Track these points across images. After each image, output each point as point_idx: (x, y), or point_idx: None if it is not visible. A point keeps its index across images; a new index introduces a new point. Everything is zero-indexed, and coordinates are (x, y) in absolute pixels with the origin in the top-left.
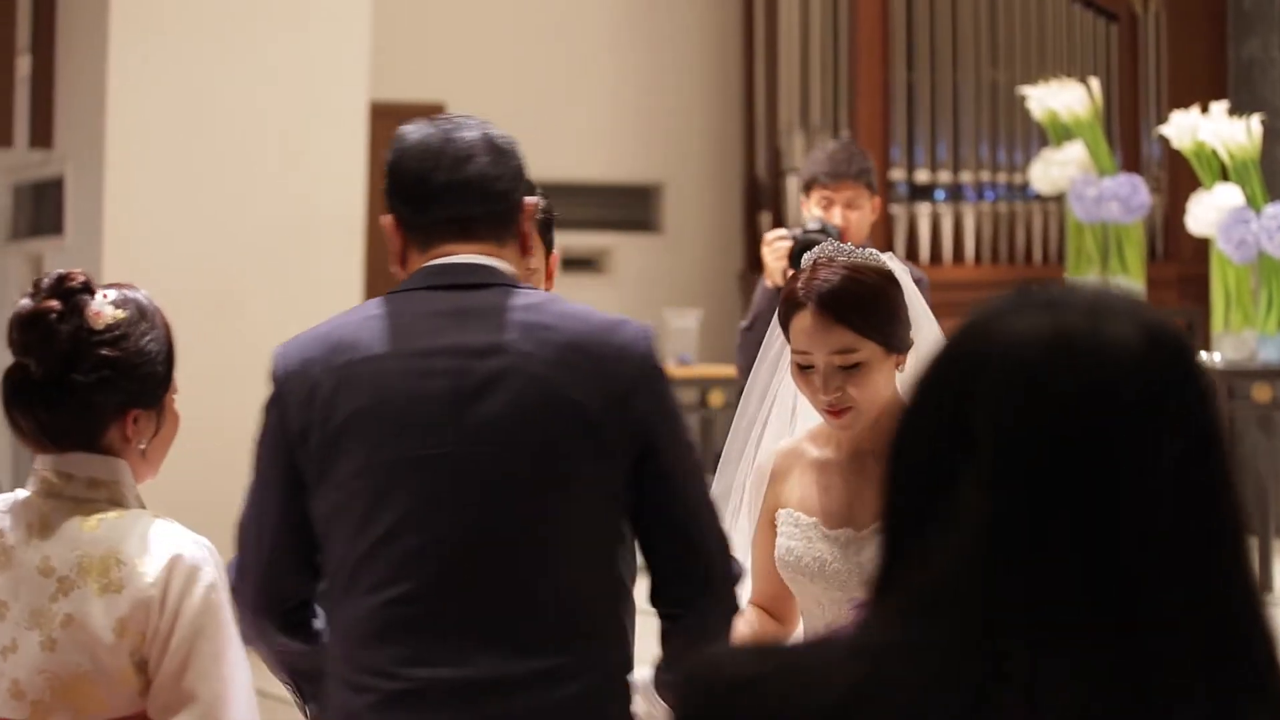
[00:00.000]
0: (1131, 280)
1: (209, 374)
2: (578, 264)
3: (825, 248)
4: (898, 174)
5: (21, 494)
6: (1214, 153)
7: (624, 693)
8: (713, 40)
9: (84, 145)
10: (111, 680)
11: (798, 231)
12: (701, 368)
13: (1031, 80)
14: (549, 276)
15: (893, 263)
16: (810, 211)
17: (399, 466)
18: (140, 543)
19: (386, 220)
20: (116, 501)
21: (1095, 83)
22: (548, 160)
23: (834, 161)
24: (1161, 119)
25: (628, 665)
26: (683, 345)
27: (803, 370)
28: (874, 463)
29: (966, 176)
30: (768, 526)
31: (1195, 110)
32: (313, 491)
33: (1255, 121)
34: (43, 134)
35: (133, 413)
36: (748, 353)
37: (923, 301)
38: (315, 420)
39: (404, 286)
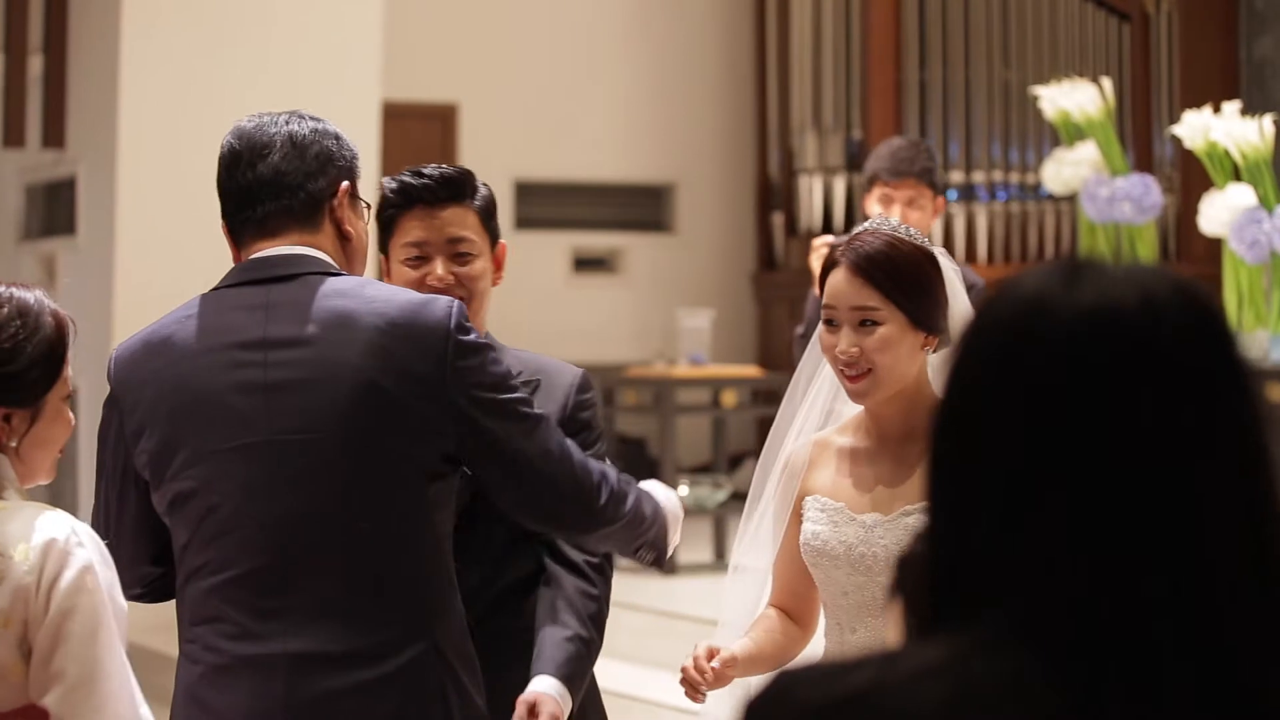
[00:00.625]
0: None
1: None
2: (591, 264)
3: (876, 221)
4: None
5: None
6: (1226, 153)
7: (449, 665)
8: (725, 41)
9: (96, 145)
10: (2, 672)
11: (844, 238)
12: (714, 368)
13: (1044, 80)
14: (497, 267)
15: (944, 260)
16: (870, 209)
17: (220, 457)
18: (16, 532)
19: (222, 226)
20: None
21: (1108, 82)
22: (561, 160)
23: (895, 159)
24: (1174, 119)
25: (454, 637)
26: (695, 345)
27: (828, 327)
28: (901, 448)
29: (979, 176)
30: (794, 520)
31: (1207, 110)
32: (153, 487)
33: (1268, 121)
34: (55, 134)
35: (29, 410)
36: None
37: (964, 294)
38: (145, 421)
39: (220, 284)
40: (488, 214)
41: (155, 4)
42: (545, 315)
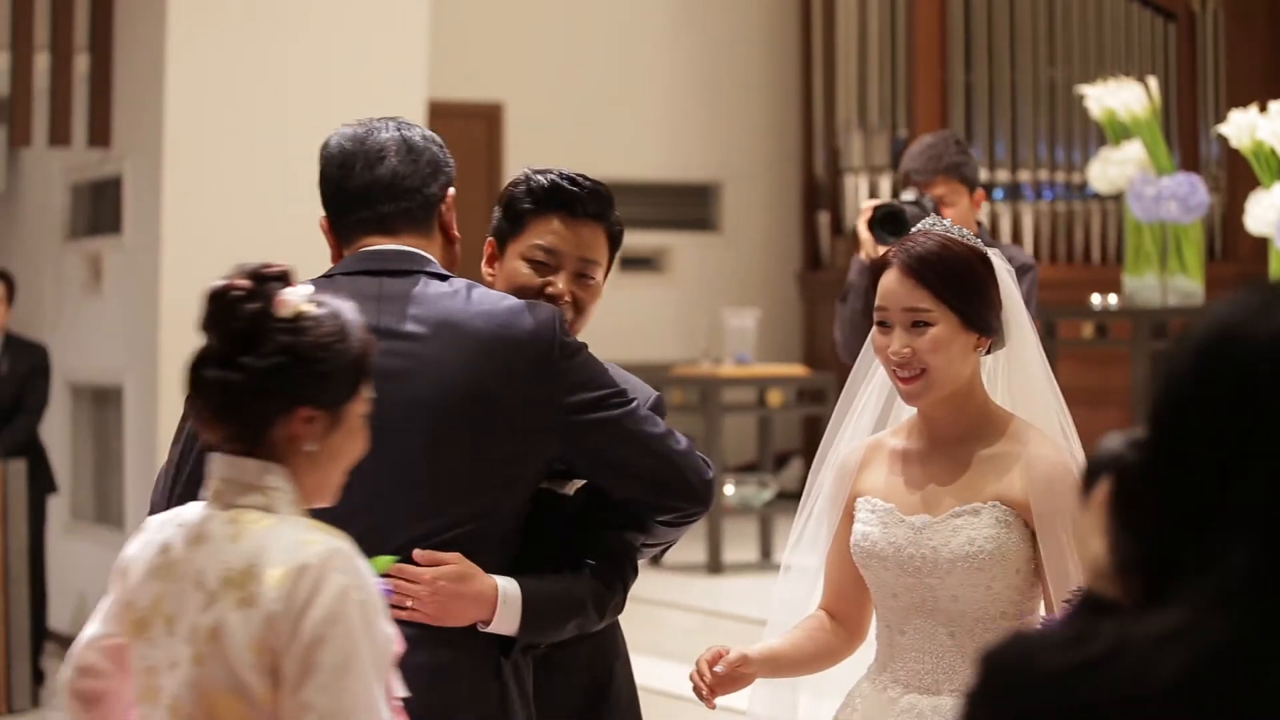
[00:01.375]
0: (1190, 280)
1: None
2: (636, 263)
3: (928, 222)
4: None
5: (198, 504)
6: (1272, 151)
7: (513, 662)
8: (771, 40)
9: (142, 144)
10: (252, 698)
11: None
12: (760, 367)
13: (1089, 79)
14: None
15: (997, 260)
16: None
17: None
18: (275, 554)
19: (321, 221)
20: (269, 509)
21: (1153, 81)
22: (605, 160)
23: (924, 157)
24: (1220, 118)
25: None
26: (741, 344)
27: (880, 329)
28: (954, 449)
29: (1025, 175)
30: (846, 521)
31: (1253, 109)
32: None
33: None
34: (100, 133)
35: (303, 410)
36: (841, 325)
37: (1019, 296)
38: None
39: (337, 270)
40: (615, 241)
41: (201, 2)
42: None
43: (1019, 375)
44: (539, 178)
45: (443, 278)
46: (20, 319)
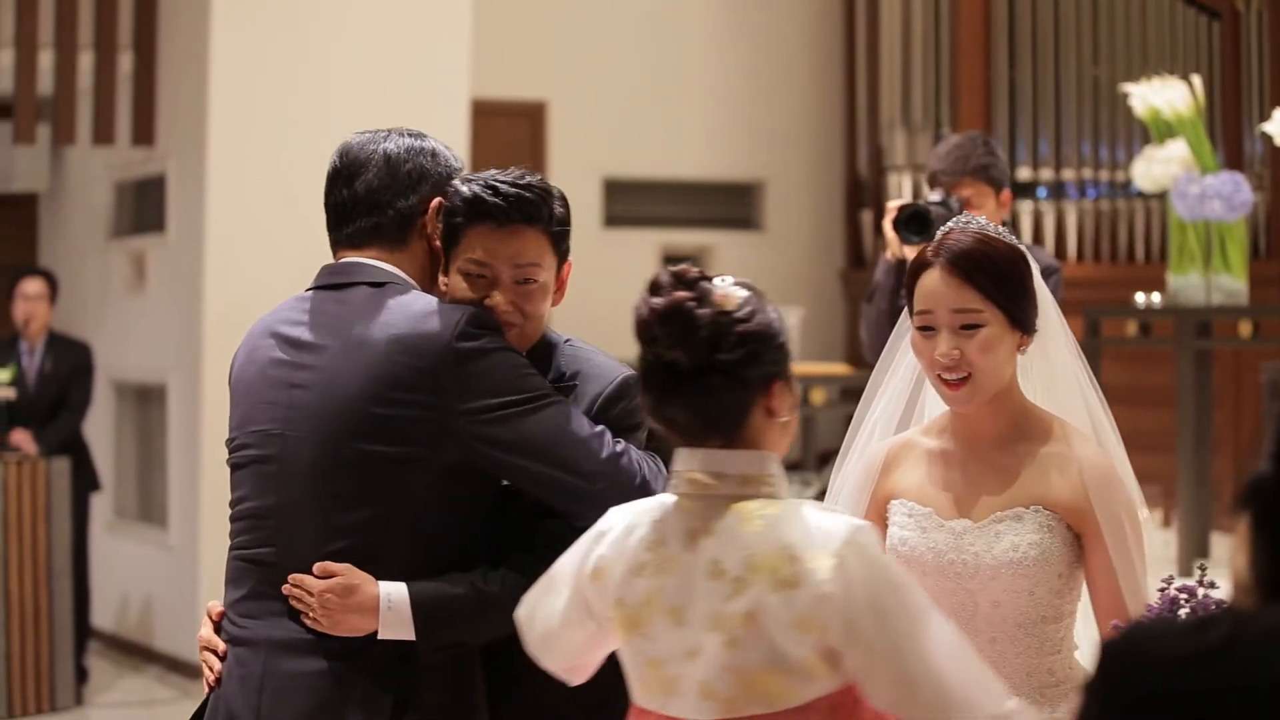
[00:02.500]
0: (1234, 279)
1: None
2: (680, 261)
3: (961, 220)
4: None
5: (666, 500)
6: None
7: (416, 666)
8: (814, 38)
9: (186, 142)
10: (797, 671)
11: (920, 201)
12: (803, 365)
13: (1133, 77)
14: (559, 287)
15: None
16: None
17: (255, 437)
18: (807, 537)
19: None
20: (770, 495)
21: (1197, 80)
22: (649, 158)
23: (951, 158)
24: (1264, 116)
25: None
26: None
27: (923, 333)
28: (993, 453)
29: (1069, 174)
30: (877, 520)
31: None
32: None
33: None
34: (144, 131)
35: (776, 384)
36: (868, 325)
37: (1049, 294)
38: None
39: (310, 286)
40: (560, 236)
41: (245, 1)
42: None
43: (1053, 373)
44: (463, 188)
45: (377, 285)
46: (64, 317)
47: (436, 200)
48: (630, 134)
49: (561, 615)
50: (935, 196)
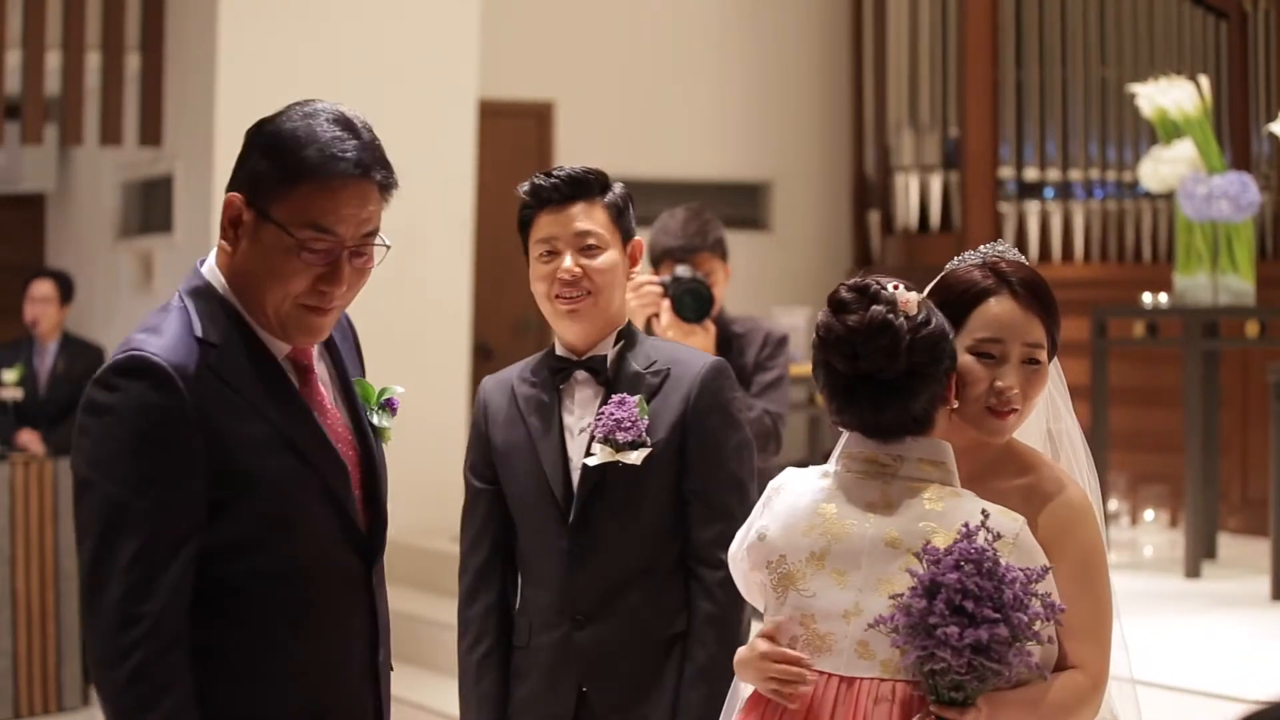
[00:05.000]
0: (1241, 279)
1: None
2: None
3: (996, 247)
4: (1006, 172)
5: (828, 469)
6: None
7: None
8: (821, 38)
9: (193, 143)
10: None
11: (668, 279)
12: (809, 366)
13: (1141, 78)
14: (633, 262)
15: None
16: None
17: None
18: (990, 526)
19: None
20: (947, 481)
21: (1205, 80)
22: (656, 158)
23: (687, 234)
24: (1271, 116)
25: None
26: (791, 343)
27: (982, 360)
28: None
29: (1075, 174)
30: None
31: None
32: None
33: None
34: (152, 132)
35: (951, 375)
36: None
37: None
38: None
39: None
40: (618, 211)
41: (252, 1)
42: None
43: None
44: (525, 184)
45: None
46: (71, 317)
47: (234, 196)
48: (638, 134)
49: (744, 580)
50: (685, 271)
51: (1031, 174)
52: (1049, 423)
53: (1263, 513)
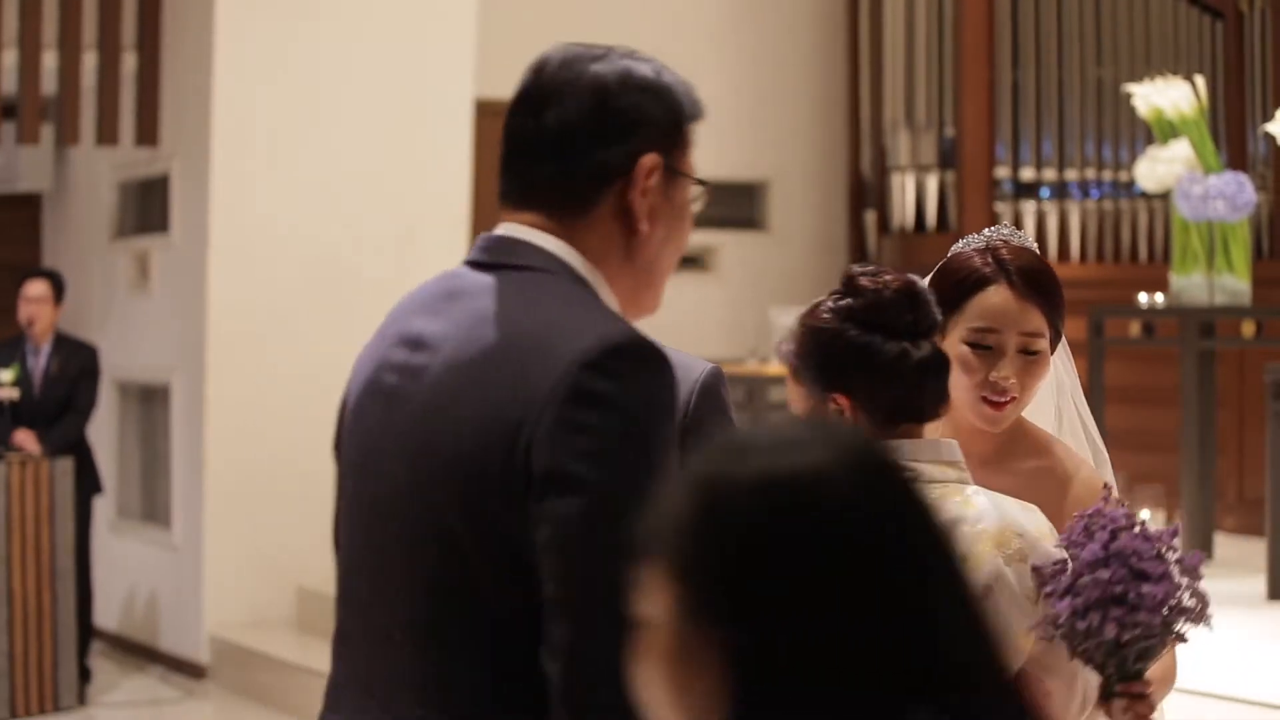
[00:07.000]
0: (1237, 279)
1: (315, 371)
2: (683, 262)
3: (1002, 231)
4: (1003, 172)
5: None
6: None
7: None
8: (818, 38)
9: (190, 143)
10: (1013, 646)
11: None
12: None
13: (1137, 78)
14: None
15: None
16: None
17: (345, 468)
18: (1024, 515)
19: None
20: (964, 481)
21: (1201, 80)
22: None
23: None
24: (1267, 116)
25: None
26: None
27: (977, 351)
28: (979, 472)
29: (1072, 174)
30: None
31: None
32: None
33: None
34: (148, 132)
35: None
36: None
37: None
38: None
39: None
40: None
41: (249, 1)
42: None
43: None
44: None
45: (542, 274)
46: (68, 318)
47: (650, 157)
48: None
49: None
50: None
51: (1028, 174)
52: (1058, 404)
53: (1259, 512)
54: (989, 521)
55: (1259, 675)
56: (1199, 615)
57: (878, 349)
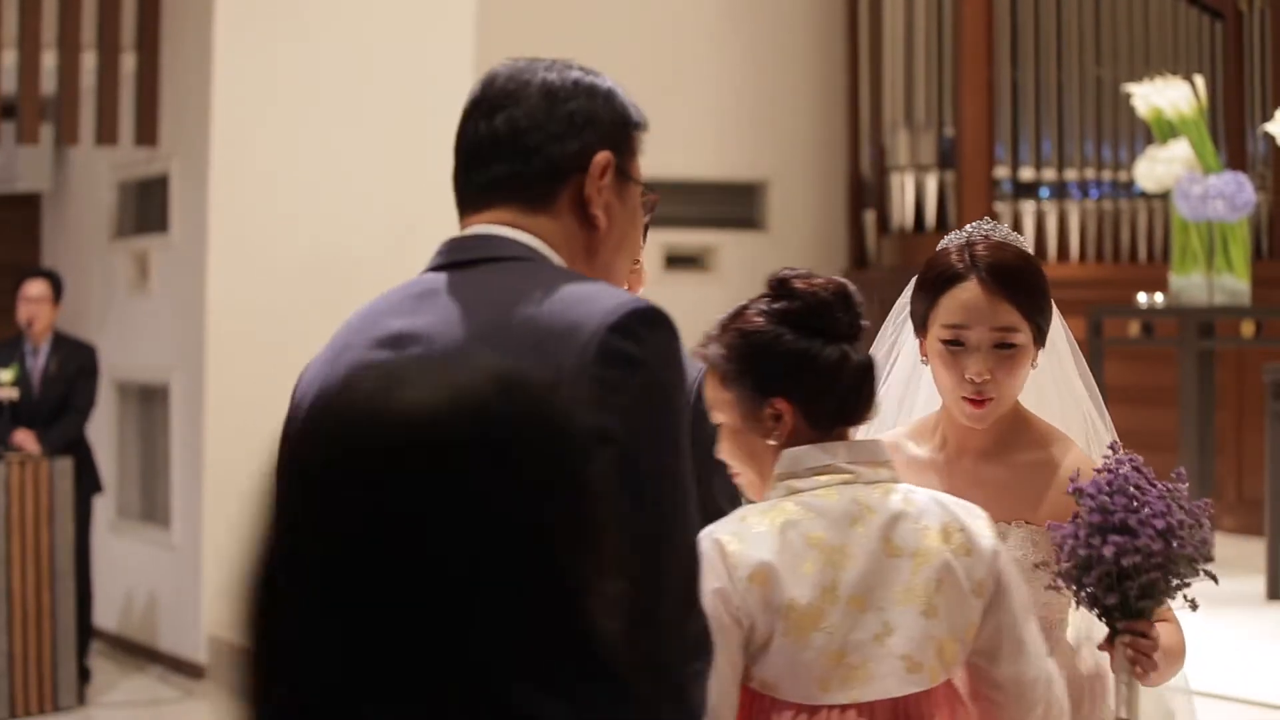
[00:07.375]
0: (1237, 279)
1: None
2: (683, 261)
3: (982, 226)
4: (1002, 172)
5: (802, 498)
6: None
7: None
8: (817, 38)
9: (189, 143)
10: (963, 639)
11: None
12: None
13: (1136, 78)
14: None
15: None
16: None
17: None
18: (959, 508)
19: None
20: (895, 478)
21: (1200, 80)
22: (653, 158)
23: None
24: (1267, 116)
25: None
26: None
27: (950, 348)
28: (977, 465)
29: (1071, 174)
30: None
31: None
32: None
33: None
34: (148, 132)
35: None
36: None
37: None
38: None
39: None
40: None
41: (247, 1)
42: None
43: (1040, 379)
44: None
45: (522, 262)
46: (67, 317)
47: (603, 154)
48: None
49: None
50: None
51: (1027, 174)
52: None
53: (1258, 512)
54: (932, 518)
55: (1259, 675)
56: (1201, 557)
57: (818, 353)
